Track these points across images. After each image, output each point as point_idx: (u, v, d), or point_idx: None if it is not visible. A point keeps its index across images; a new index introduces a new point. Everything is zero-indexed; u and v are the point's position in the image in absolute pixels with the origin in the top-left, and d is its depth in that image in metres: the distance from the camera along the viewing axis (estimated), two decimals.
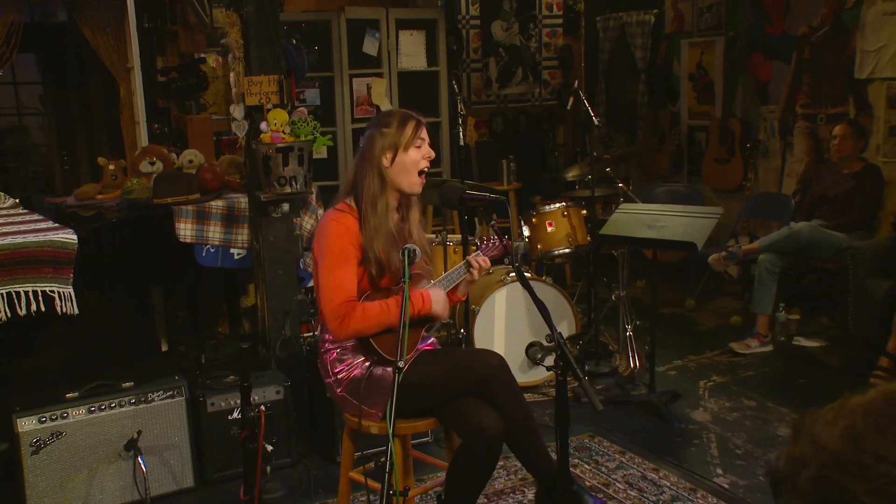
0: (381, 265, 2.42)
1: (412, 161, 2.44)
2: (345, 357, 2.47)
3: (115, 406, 3.01)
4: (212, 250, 3.75)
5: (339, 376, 2.47)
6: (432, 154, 2.50)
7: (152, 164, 4.05)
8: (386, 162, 2.45)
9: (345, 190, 2.53)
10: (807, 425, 0.81)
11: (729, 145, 5.85)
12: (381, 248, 2.41)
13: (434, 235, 4.19)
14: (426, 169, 2.49)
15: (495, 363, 2.40)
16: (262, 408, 2.91)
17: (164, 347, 4.65)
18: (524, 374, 4.05)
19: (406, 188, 2.46)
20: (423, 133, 2.49)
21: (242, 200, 3.82)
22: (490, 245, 2.61)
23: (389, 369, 2.41)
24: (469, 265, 2.52)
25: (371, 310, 2.37)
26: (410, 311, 2.39)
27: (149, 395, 3.07)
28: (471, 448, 2.31)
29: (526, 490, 3.03)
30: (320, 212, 4.07)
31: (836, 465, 0.75)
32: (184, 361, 4.47)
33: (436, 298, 2.43)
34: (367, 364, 2.44)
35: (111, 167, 4.13)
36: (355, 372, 2.44)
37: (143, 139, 5.02)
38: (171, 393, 3.10)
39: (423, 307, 2.41)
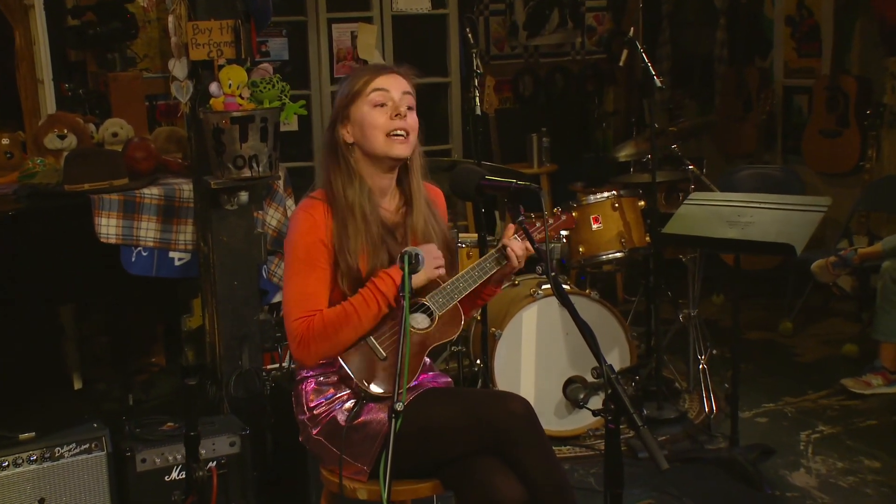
0: (356, 277, 2.47)
1: (372, 125, 2.48)
2: (325, 388, 2.52)
3: (8, 465, 3.03)
4: (144, 254, 3.79)
5: (315, 412, 2.51)
6: (403, 108, 2.49)
7: (62, 137, 4.10)
8: (346, 136, 2.51)
9: (318, 178, 2.60)
10: None
11: (841, 112, 5.86)
12: (358, 254, 2.45)
13: None
14: (400, 133, 2.50)
15: (520, 412, 2.43)
16: (213, 465, 2.95)
17: (78, 384, 4.69)
18: (562, 420, 4.08)
19: (380, 154, 2.50)
20: (388, 82, 2.50)
21: (185, 188, 3.85)
22: (539, 227, 2.58)
23: (377, 407, 2.45)
24: (503, 253, 2.54)
25: (333, 320, 2.42)
26: (377, 308, 2.42)
27: (56, 449, 3.08)
28: None
29: None
30: (289, 202, 4.11)
31: None
32: (105, 403, 4.50)
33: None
34: (352, 402, 2.48)
35: (5, 141, 4.18)
36: (337, 412, 2.48)
37: (50, 104, 5.06)
38: (86, 446, 3.12)
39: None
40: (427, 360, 2.66)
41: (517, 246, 2.54)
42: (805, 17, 6.20)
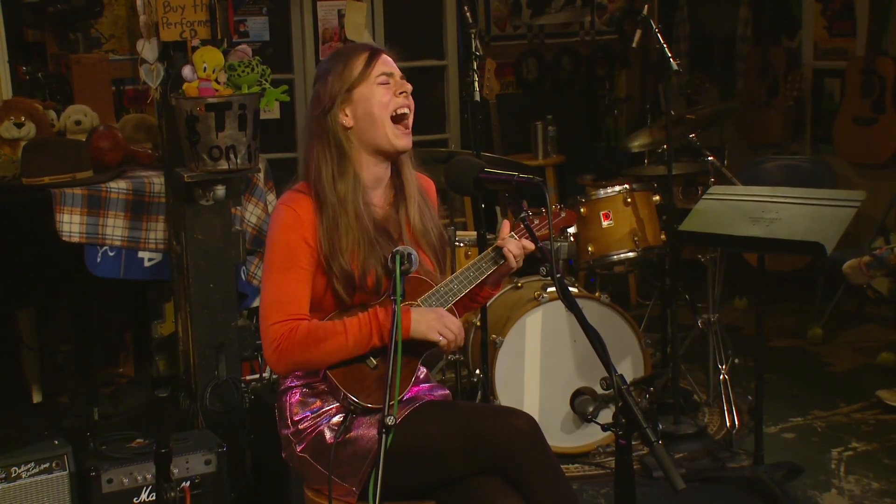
0: (350, 279, 2.48)
1: (379, 103, 2.52)
2: (312, 401, 2.54)
3: None
4: (110, 254, 3.79)
5: (300, 426, 2.52)
6: (408, 87, 2.57)
7: (19, 125, 4.10)
8: (345, 120, 2.53)
9: (301, 171, 2.62)
10: None
11: (876, 98, 5.87)
12: (350, 254, 2.47)
13: None
14: (406, 111, 2.55)
15: (524, 428, 2.44)
16: (187, 485, 2.96)
17: (38, 397, 4.69)
18: (569, 436, 4.10)
19: (383, 144, 2.53)
20: (386, 64, 2.56)
21: (156, 181, 3.86)
22: (539, 223, 2.64)
23: (368, 422, 2.46)
24: (499, 253, 2.57)
25: (317, 332, 2.43)
26: (368, 336, 2.43)
27: (13, 469, 3.09)
28: None
29: None
30: (270, 197, 4.12)
31: None
32: (67, 418, 4.50)
33: (419, 316, 2.46)
34: (340, 416, 2.50)
35: None
36: (324, 427, 2.50)
37: (6, 89, 5.07)
38: (46, 466, 3.13)
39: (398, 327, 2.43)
40: (422, 369, 2.67)
41: (513, 245, 2.57)
42: None
